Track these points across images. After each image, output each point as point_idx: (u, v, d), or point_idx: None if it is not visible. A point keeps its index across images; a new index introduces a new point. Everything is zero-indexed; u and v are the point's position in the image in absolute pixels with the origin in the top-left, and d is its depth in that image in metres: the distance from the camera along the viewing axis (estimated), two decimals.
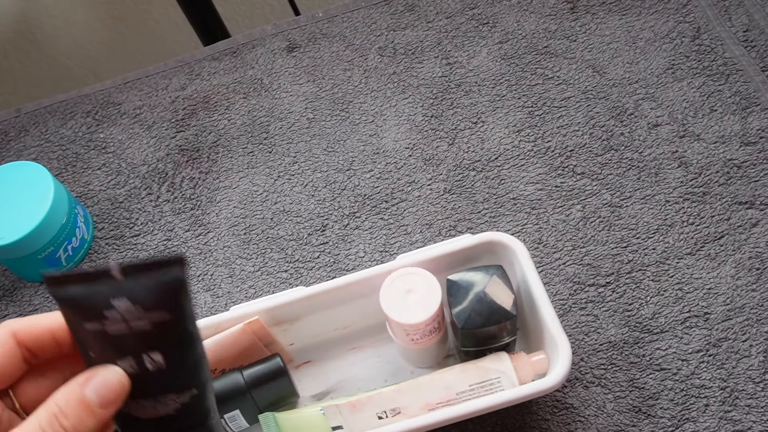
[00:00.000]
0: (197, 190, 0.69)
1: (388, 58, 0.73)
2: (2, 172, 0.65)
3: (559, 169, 0.64)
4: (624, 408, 0.53)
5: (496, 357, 0.52)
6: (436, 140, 0.67)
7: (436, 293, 0.51)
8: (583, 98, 0.67)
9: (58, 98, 0.78)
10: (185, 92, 0.75)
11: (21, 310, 0.65)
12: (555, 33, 0.71)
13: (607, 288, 0.58)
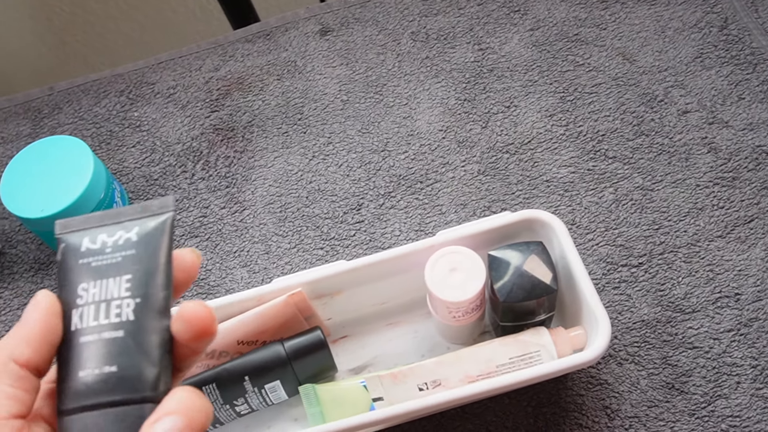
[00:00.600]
0: (232, 168, 0.70)
1: (421, 42, 0.74)
2: (42, 146, 0.66)
3: (591, 152, 0.65)
4: (657, 384, 0.54)
5: (535, 331, 0.53)
6: (469, 123, 0.68)
7: (480, 272, 0.52)
8: (614, 85, 0.68)
9: (91, 77, 0.79)
10: (219, 73, 0.76)
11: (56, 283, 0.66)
12: (585, 21, 0.72)
13: (639, 268, 0.59)
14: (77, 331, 0.33)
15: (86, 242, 0.35)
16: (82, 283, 0.34)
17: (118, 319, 0.33)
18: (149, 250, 0.34)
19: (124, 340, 0.33)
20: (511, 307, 0.52)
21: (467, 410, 0.55)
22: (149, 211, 0.35)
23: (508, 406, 0.55)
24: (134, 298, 0.33)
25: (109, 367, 0.32)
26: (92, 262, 0.34)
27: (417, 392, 0.52)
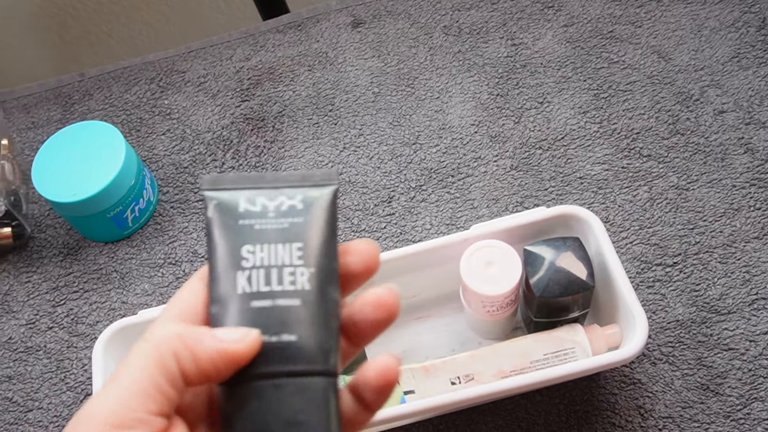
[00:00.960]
0: (262, 158, 0.69)
1: (453, 37, 0.73)
2: (75, 131, 0.66)
3: (625, 150, 0.64)
4: (692, 385, 0.54)
5: (570, 328, 0.52)
6: (501, 118, 0.68)
7: (516, 267, 0.51)
8: (649, 83, 0.68)
9: (122, 64, 0.79)
10: (250, 63, 0.75)
11: (85, 268, 0.66)
12: (620, 18, 0.72)
13: (674, 268, 0.58)
14: (247, 294, 0.32)
15: (243, 203, 0.34)
16: (247, 245, 0.33)
17: (293, 287, 0.32)
18: (319, 220, 0.33)
19: (301, 309, 0.32)
20: (546, 303, 0.51)
21: (498, 406, 0.55)
22: (311, 181, 0.34)
23: (540, 402, 0.55)
24: (308, 267, 0.32)
25: (288, 336, 0.31)
26: (255, 224, 0.33)
27: (449, 386, 0.52)
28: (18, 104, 0.78)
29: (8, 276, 0.67)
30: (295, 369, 0.31)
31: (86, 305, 0.64)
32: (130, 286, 0.64)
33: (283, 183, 0.34)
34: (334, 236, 0.33)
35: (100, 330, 0.62)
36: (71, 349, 0.62)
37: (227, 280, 0.32)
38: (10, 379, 0.61)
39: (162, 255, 0.66)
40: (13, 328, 0.64)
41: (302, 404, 0.30)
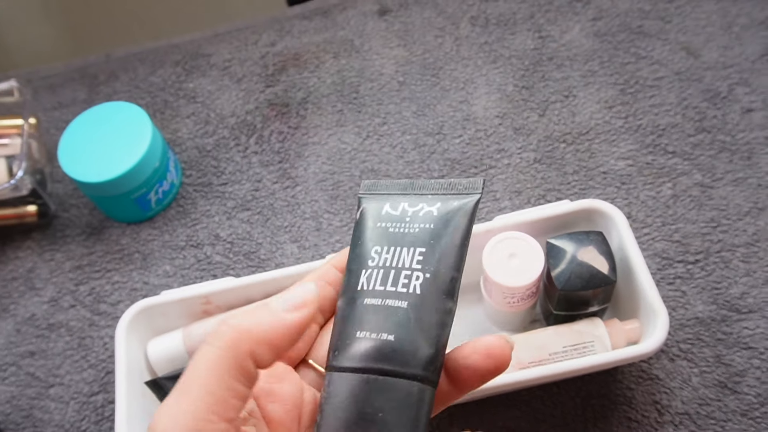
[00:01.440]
0: (285, 144, 0.70)
1: (480, 27, 0.73)
2: (102, 111, 0.66)
3: (650, 146, 0.64)
4: (709, 383, 0.54)
5: (590, 322, 0.52)
6: (526, 111, 0.68)
7: (539, 259, 0.51)
8: (676, 79, 0.67)
9: (148, 46, 0.79)
10: (275, 48, 0.76)
11: (108, 248, 0.67)
12: (649, 13, 0.71)
13: (695, 265, 0.58)
14: (362, 292, 0.34)
15: (387, 207, 0.36)
16: (376, 246, 0.35)
17: (404, 289, 0.33)
18: (448, 228, 0.34)
19: (406, 312, 0.32)
20: (567, 296, 0.51)
21: (514, 397, 0.55)
22: (455, 189, 0.36)
23: (556, 395, 0.55)
24: (424, 273, 0.33)
25: (387, 335, 0.32)
26: (389, 227, 0.35)
27: None
28: (44, 84, 0.78)
29: (32, 253, 0.68)
30: (387, 368, 0.31)
31: (108, 285, 0.65)
32: (152, 267, 0.65)
33: (428, 190, 0.36)
34: (462, 246, 0.34)
35: (121, 309, 0.63)
36: (93, 327, 0.63)
37: (354, 276, 0.34)
38: (32, 355, 0.62)
39: (184, 237, 0.66)
40: (36, 304, 0.65)
41: (385, 403, 0.31)
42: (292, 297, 0.32)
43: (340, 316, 0.34)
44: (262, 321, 0.31)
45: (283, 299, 0.32)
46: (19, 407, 0.60)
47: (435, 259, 0.33)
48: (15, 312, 0.65)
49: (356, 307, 0.33)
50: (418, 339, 0.32)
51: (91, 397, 0.59)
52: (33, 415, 0.59)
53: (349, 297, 0.34)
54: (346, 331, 0.33)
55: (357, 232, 0.36)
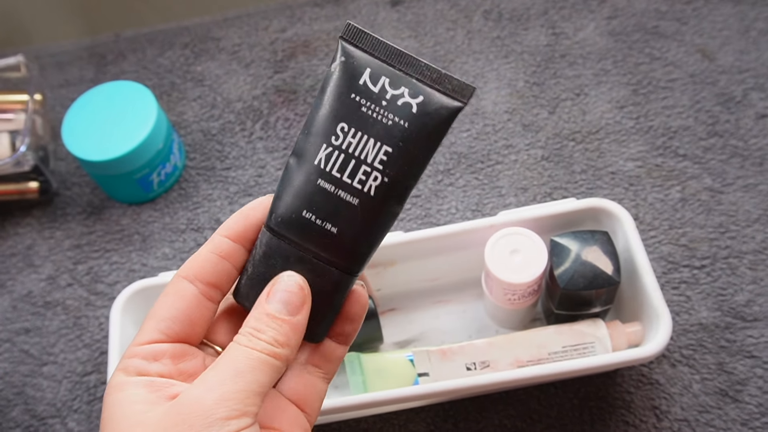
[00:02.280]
0: (291, 131, 0.69)
1: (493, 22, 0.72)
2: (108, 90, 0.66)
3: (660, 148, 0.63)
4: (710, 390, 0.53)
5: (592, 322, 0.51)
6: (536, 107, 0.67)
7: (542, 256, 0.51)
8: (690, 82, 0.66)
9: (157, 27, 0.78)
10: (285, 35, 0.75)
11: (108, 228, 0.66)
12: (666, 14, 0.70)
13: (701, 270, 0.57)
14: (318, 169, 0.32)
15: (366, 75, 0.32)
16: (344, 122, 0.32)
17: (359, 186, 0.32)
18: (422, 133, 0.32)
19: (355, 211, 0.32)
20: (569, 296, 0.50)
21: (512, 396, 0.54)
22: (443, 86, 0.32)
23: (554, 396, 0.54)
24: (383, 175, 0.32)
25: (332, 227, 0.32)
26: (363, 105, 0.32)
27: (464, 371, 0.51)
28: (52, 61, 0.78)
29: (32, 230, 0.67)
30: (322, 255, 0.33)
31: (106, 265, 0.64)
32: (151, 249, 0.64)
33: (415, 72, 0.32)
34: (427, 158, 0.33)
35: (118, 290, 0.62)
36: (89, 306, 0.62)
37: (313, 144, 0.33)
38: (27, 332, 0.62)
39: (185, 220, 0.66)
40: (34, 282, 0.64)
41: (312, 284, 0.33)
42: (289, 296, 0.33)
43: (291, 179, 0.33)
44: (292, 334, 0.33)
45: (282, 302, 0.33)
46: (12, 384, 0.59)
47: (398, 165, 0.32)
48: (12, 288, 0.64)
49: (309, 183, 0.33)
50: (360, 239, 0.33)
51: (84, 377, 0.59)
52: (25, 392, 0.59)
53: (302, 164, 0.33)
54: (294, 202, 0.33)
55: (327, 90, 0.33)
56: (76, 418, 0.57)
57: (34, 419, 0.57)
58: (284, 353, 0.32)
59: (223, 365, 0.32)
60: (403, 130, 0.32)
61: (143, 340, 0.33)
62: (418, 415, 0.54)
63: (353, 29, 0.33)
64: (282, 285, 0.33)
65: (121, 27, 0.79)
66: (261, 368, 0.32)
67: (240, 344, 0.32)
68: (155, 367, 0.33)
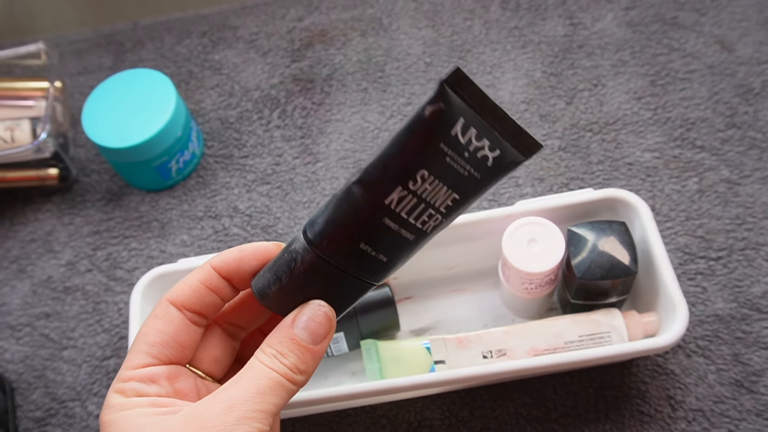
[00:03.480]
0: (308, 119, 0.69)
1: (511, 12, 0.72)
2: (127, 77, 0.66)
3: (678, 140, 0.63)
4: (726, 381, 0.53)
5: (608, 312, 0.52)
6: (553, 98, 0.67)
7: (559, 245, 0.51)
8: (709, 73, 0.66)
9: (175, 16, 0.79)
10: (303, 23, 0.75)
11: (126, 215, 0.67)
12: (684, 5, 0.70)
13: (718, 262, 0.57)
14: (387, 209, 0.33)
15: (459, 126, 0.32)
16: (425, 170, 0.33)
17: (421, 226, 0.34)
18: (486, 184, 0.34)
19: (409, 244, 0.35)
20: (585, 285, 0.51)
21: (527, 384, 0.54)
22: (519, 142, 0.33)
23: (569, 384, 0.54)
24: (444, 217, 0.34)
25: (383, 257, 0.35)
26: (447, 156, 0.32)
27: (481, 359, 0.51)
28: (71, 49, 0.78)
29: (51, 216, 0.68)
30: (365, 277, 0.35)
31: (125, 251, 0.65)
32: (170, 235, 0.65)
33: (500, 127, 0.32)
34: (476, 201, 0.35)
35: (137, 276, 0.63)
36: (108, 292, 0.63)
37: (387, 183, 0.33)
38: (47, 317, 0.62)
39: (203, 208, 0.66)
40: (54, 267, 0.65)
41: (342, 294, 0.36)
42: (317, 327, 0.35)
43: (353, 209, 0.33)
44: (313, 363, 0.35)
45: (310, 331, 0.35)
46: (33, 367, 0.60)
47: (458, 211, 0.34)
48: (32, 273, 0.65)
49: (373, 218, 0.33)
50: (400, 265, 0.36)
51: (103, 361, 0.60)
52: (45, 375, 0.60)
53: (371, 200, 0.33)
54: (352, 234, 0.34)
55: (418, 130, 0.32)
56: (96, 401, 0.58)
57: (54, 402, 0.58)
58: (301, 380, 0.34)
59: (246, 383, 0.33)
60: (475, 182, 0.33)
61: (137, 364, 0.35)
62: (433, 402, 0.54)
63: (460, 76, 0.31)
64: (310, 313, 0.35)
65: (140, 16, 0.80)
66: (279, 392, 0.33)
67: (263, 364, 0.34)
68: (153, 389, 0.34)
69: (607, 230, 0.51)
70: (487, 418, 0.54)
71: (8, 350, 0.61)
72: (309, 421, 0.55)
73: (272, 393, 0.33)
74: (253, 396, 0.32)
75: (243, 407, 0.32)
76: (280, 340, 0.34)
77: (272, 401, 0.33)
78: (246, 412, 0.32)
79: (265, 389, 0.33)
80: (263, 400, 0.32)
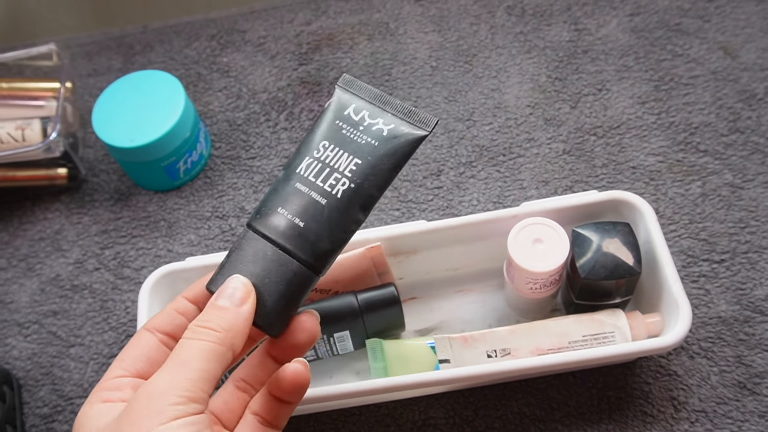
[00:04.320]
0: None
1: (516, 17, 0.73)
2: (137, 79, 0.67)
3: (681, 144, 0.64)
4: (728, 382, 0.53)
5: (611, 312, 0.52)
6: (558, 102, 0.67)
7: (564, 246, 0.51)
8: (712, 78, 0.67)
9: (184, 19, 0.80)
10: (310, 27, 0.76)
11: (134, 214, 0.67)
12: (688, 12, 0.71)
13: (721, 265, 0.58)
14: (298, 175, 0.39)
15: (351, 109, 0.40)
16: (325, 140, 0.39)
17: (329, 189, 0.38)
18: (388, 150, 0.39)
19: (322, 209, 0.38)
20: (589, 286, 0.51)
21: (531, 384, 0.55)
22: (411, 118, 0.40)
23: (572, 385, 0.54)
24: (350, 182, 0.38)
25: (299, 221, 0.38)
26: (343, 128, 0.39)
27: (485, 358, 0.52)
28: (81, 51, 0.79)
29: (60, 215, 0.69)
30: (287, 246, 0.37)
31: (133, 250, 0.65)
32: (177, 235, 0.66)
33: (390, 108, 0.40)
34: (392, 172, 0.39)
35: (144, 275, 0.64)
36: (115, 291, 0.63)
37: (298, 157, 0.39)
38: (55, 314, 0.63)
39: (210, 208, 0.67)
40: (62, 265, 0.66)
41: (275, 272, 0.37)
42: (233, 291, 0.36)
43: (276, 185, 0.39)
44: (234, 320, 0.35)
45: (227, 296, 0.36)
46: (40, 364, 0.61)
47: (364, 174, 0.38)
48: (40, 271, 0.65)
49: (288, 185, 0.39)
50: (322, 234, 0.37)
51: (110, 359, 0.60)
52: (53, 372, 0.60)
53: (287, 173, 0.39)
54: (272, 201, 0.39)
55: (320, 119, 0.40)
56: None
57: (61, 399, 0.59)
58: (227, 337, 0.35)
59: (169, 360, 0.34)
60: (373, 147, 0.39)
61: (108, 377, 0.36)
62: (438, 402, 0.55)
63: (347, 79, 0.41)
64: (229, 283, 0.37)
65: (149, 20, 0.81)
66: (205, 356, 0.34)
67: (185, 338, 0.35)
68: (118, 394, 0.36)
69: (612, 231, 0.51)
70: (491, 417, 0.54)
71: (16, 347, 0.62)
72: (314, 419, 0.55)
73: (199, 359, 0.33)
74: (177, 366, 0.33)
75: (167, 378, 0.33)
76: (204, 312, 0.36)
77: (198, 367, 0.33)
78: (171, 381, 0.33)
79: (189, 358, 0.34)
80: (188, 368, 0.33)
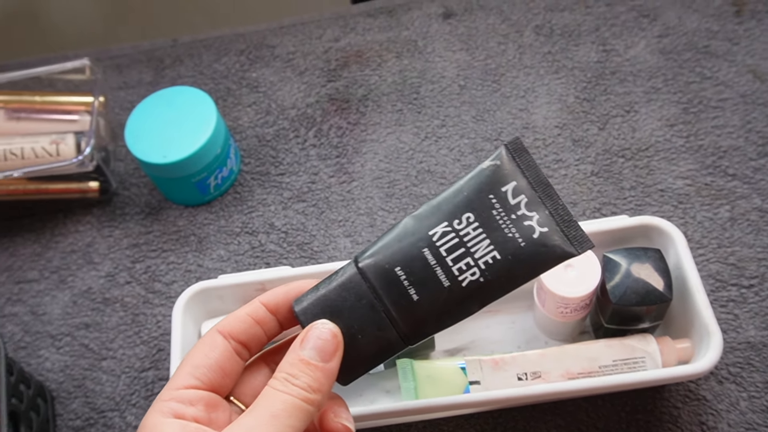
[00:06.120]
0: (344, 139, 0.71)
1: (544, 37, 0.73)
2: (169, 95, 0.68)
3: (710, 167, 0.64)
4: (758, 408, 0.54)
5: (642, 337, 0.52)
6: (586, 123, 0.68)
7: (595, 271, 0.52)
8: (741, 102, 0.67)
9: (213, 34, 0.81)
10: (339, 44, 0.77)
11: (165, 228, 0.68)
12: (717, 34, 0.71)
13: (750, 290, 0.58)
14: (429, 240, 0.35)
15: (510, 188, 0.35)
16: (471, 213, 0.35)
17: (456, 273, 0.35)
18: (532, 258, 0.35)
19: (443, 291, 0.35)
20: (620, 311, 0.51)
21: (560, 406, 0.55)
22: (568, 230, 0.36)
23: (601, 408, 0.55)
24: (481, 276, 0.35)
25: (414, 293, 0.35)
26: (494, 209, 0.35)
27: (515, 381, 0.52)
28: (111, 64, 0.80)
29: (92, 228, 0.69)
30: (392, 313, 0.35)
31: (163, 264, 0.66)
32: (207, 250, 0.66)
33: (550, 205, 0.36)
34: (524, 279, 0.36)
35: (175, 289, 0.64)
36: (147, 304, 0.64)
37: (436, 216, 0.36)
38: (87, 327, 0.64)
39: (239, 223, 0.67)
40: (93, 278, 0.66)
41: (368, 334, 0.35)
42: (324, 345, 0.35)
43: (401, 233, 0.36)
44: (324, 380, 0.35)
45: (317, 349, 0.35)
46: (72, 377, 0.61)
47: (498, 273, 0.35)
48: (72, 284, 0.66)
49: (414, 245, 0.35)
50: (432, 317, 0.35)
51: (142, 373, 0.61)
52: (85, 385, 0.61)
53: (418, 226, 0.35)
54: (391, 252, 0.35)
55: (473, 181, 0.36)
56: (134, 412, 0.59)
57: (93, 412, 0.60)
58: (317, 399, 0.34)
59: (259, 409, 0.34)
60: (518, 247, 0.35)
61: (180, 385, 0.36)
62: (467, 422, 0.55)
63: (518, 144, 0.36)
64: (315, 332, 0.35)
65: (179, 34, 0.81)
66: (295, 413, 0.34)
67: (275, 389, 0.34)
68: (191, 411, 0.35)
69: (642, 257, 0.52)
70: None
71: (49, 359, 0.63)
72: None
73: (287, 416, 0.33)
74: (267, 420, 0.33)
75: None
76: (290, 363, 0.35)
77: (287, 423, 0.33)
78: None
79: (279, 412, 0.33)
80: (279, 423, 0.33)
